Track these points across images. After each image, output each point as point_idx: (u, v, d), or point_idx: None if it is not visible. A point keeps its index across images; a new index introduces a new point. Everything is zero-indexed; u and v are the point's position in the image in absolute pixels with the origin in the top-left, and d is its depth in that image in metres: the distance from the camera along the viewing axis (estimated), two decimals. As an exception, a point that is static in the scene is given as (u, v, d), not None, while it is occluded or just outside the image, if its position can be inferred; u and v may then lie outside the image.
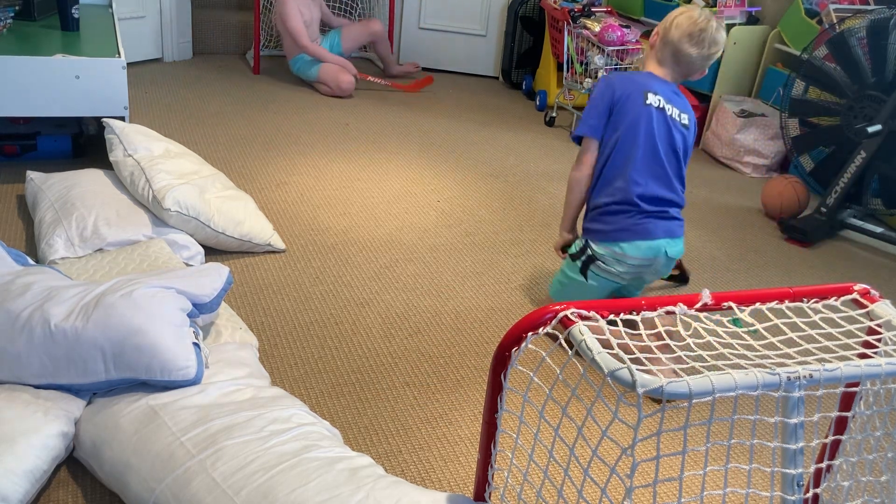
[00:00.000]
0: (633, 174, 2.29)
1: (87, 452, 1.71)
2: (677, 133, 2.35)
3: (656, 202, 2.30)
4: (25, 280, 1.91)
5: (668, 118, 2.34)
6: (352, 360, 2.28)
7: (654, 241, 2.28)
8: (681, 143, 2.34)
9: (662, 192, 2.30)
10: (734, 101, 4.37)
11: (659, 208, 2.30)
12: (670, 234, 2.29)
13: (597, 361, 1.15)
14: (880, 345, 1.37)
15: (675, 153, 2.34)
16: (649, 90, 2.33)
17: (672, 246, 2.31)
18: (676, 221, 2.34)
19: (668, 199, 2.32)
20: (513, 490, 1.80)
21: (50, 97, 2.95)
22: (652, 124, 2.30)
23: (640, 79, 2.38)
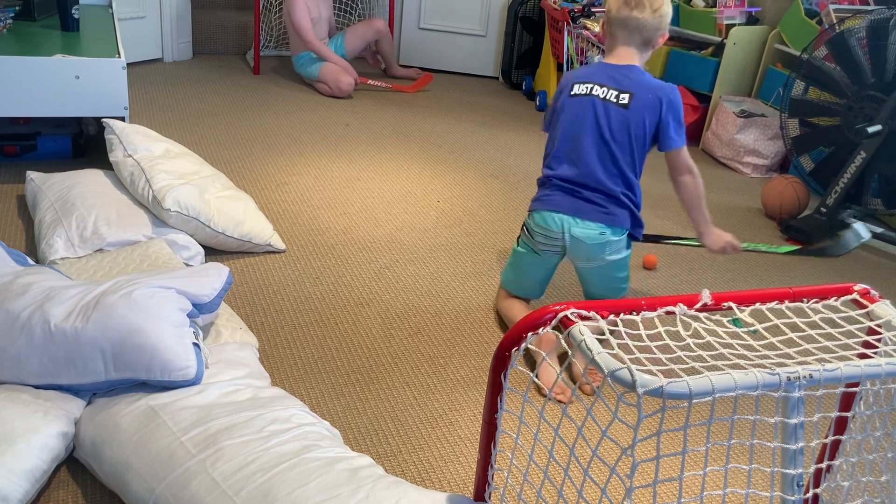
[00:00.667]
0: (552, 161, 2.40)
1: (87, 452, 1.71)
2: (610, 115, 2.29)
3: (571, 182, 2.33)
4: (25, 280, 1.91)
5: (598, 103, 2.31)
6: (352, 360, 2.28)
7: (555, 214, 2.32)
8: (617, 124, 2.29)
9: (580, 177, 2.31)
10: (734, 102, 4.37)
11: (570, 187, 2.33)
12: (577, 213, 2.30)
13: (597, 361, 1.15)
14: (880, 345, 1.37)
15: (604, 138, 2.30)
16: (577, 81, 2.36)
17: (576, 226, 2.29)
18: (592, 205, 2.30)
19: (582, 184, 2.31)
20: (513, 490, 1.80)
21: (50, 97, 2.95)
22: (574, 113, 2.34)
23: (578, 72, 2.42)
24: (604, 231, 2.30)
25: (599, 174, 2.31)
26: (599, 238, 2.30)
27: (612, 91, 2.31)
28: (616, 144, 2.30)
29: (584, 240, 2.30)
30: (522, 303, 2.49)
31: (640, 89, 2.30)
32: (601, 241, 2.31)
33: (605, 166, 2.31)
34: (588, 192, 2.32)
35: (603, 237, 2.30)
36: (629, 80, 2.31)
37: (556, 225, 2.32)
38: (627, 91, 2.30)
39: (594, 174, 2.31)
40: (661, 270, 3.04)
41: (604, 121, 2.30)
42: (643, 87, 2.31)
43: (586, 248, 2.32)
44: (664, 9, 2.32)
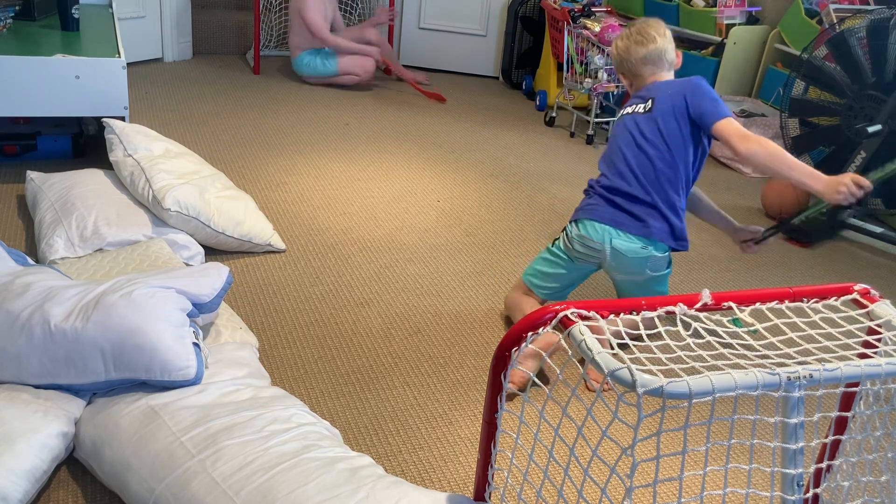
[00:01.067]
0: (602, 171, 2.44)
1: (87, 452, 1.71)
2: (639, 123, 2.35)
3: (611, 191, 2.34)
4: (25, 280, 1.91)
5: (627, 118, 2.41)
6: (352, 360, 2.28)
7: (598, 224, 2.31)
8: (647, 128, 2.33)
9: (620, 184, 2.33)
10: (734, 101, 4.37)
11: (612, 196, 2.33)
12: (616, 224, 2.29)
13: (597, 361, 1.15)
14: (880, 345, 1.37)
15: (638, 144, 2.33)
16: (624, 108, 2.46)
17: (617, 238, 2.29)
18: (631, 217, 2.30)
19: (623, 192, 2.32)
20: (513, 490, 1.80)
21: (50, 97, 2.95)
22: (617, 131, 2.43)
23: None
24: (646, 246, 2.29)
25: (635, 181, 2.31)
26: (642, 252, 2.28)
27: (641, 105, 2.40)
28: (651, 147, 2.31)
29: (625, 253, 2.28)
30: (537, 301, 2.46)
31: (660, 92, 2.36)
32: (643, 256, 2.29)
33: (643, 171, 2.31)
34: (626, 201, 2.31)
35: (645, 251, 2.28)
36: (650, 91, 2.41)
37: (597, 236, 2.30)
38: (650, 98, 2.38)
39: (630, 180, 2.32)
40: (661, 270, 3.04)
41: (635, 130, 2.36)
42: (663, 89, 2.37)
43: (628, 262, 2.30)
44: (666, 30, 2.46)
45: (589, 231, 2.31)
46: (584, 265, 2.39)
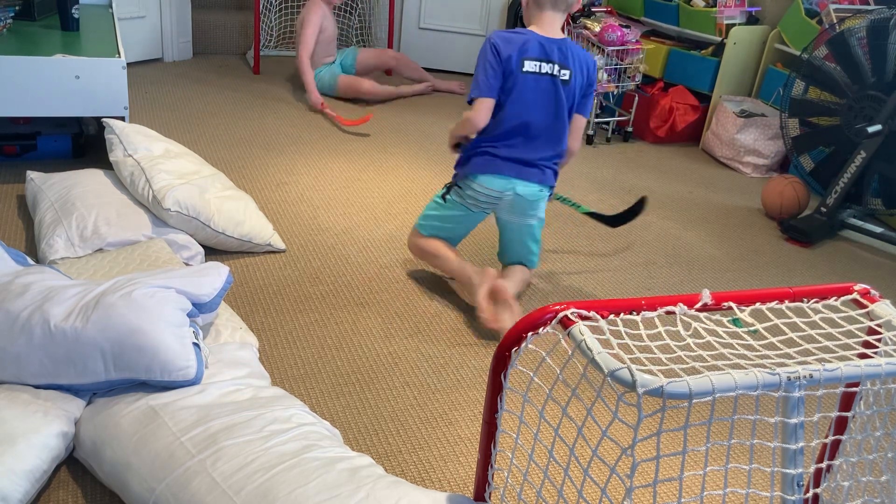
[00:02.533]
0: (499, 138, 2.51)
1: (87, 452, 1.71)
2: (556, 93, 2.49)
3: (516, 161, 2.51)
4: (25, 280, 1.91)
5: (545, 81, 2.48)
6: (352, 360, 2.28)
7: (500, 178, 2.50)
8: (564, 101, 2.50)
9: (528, 154, 2.51)
10: (734, 101, 4.37)
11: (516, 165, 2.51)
12: (521, 176, 2.51)
13: (597, 361, 1.15)
14: (880, 345, 1.37)
15: (547, 117, 2.50)
16: (526, 56, 2.46)
17: (521, 186, 2.51)
18: (534, 168, 2.52)
19: (530, 160, 2.51)
20: (513, 490, 1.80)
21: (50, 97, 2.95)
22: (525, 93, 2.48)
23: (519, 41, 2.48)
24: (542, 189, 2.56)
25: (540, 156, 2.52)
26: (539, 195, 2.55)
27: (557, 67, 2.48)
28: (562, 123, 2.53)
29: (526, 196, 2.52)
30: (442, 243, 2.66)
31: (576, 65, 2.51)
32: (540, 198, 2.56)
33: (549, 146, 2.53)
34: (530, 168, 2.52)
35: (542, 193, 2.56)
36: (568, 56, 2.50)
37: (504, 187, 2.50)
38: (569, 68, 2.50)
39: (540, 152, 2.52)
40: (661, 270, 3.04)
41: (554, 100, 2.49)
42: (578, 62, 2.52)
43: (526, 205, 2.54)
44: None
45: (493, 184, 2.51)
46: (479, 213, 2.61)
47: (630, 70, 4.35)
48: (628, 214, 3.02)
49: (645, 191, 3.83)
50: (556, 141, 2.54)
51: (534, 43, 2.47)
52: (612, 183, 3.88)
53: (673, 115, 4.53)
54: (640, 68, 4.36)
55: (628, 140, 4.57)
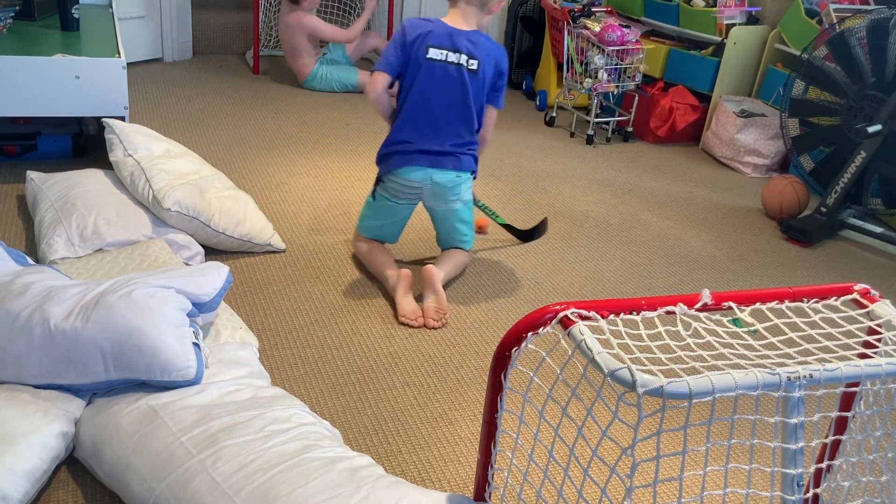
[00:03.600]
0: (407, 128, 2.57)
1: (87, 452, 1.71)
2: (463, 81, 2.54)
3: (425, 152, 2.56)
4: (25, 280, 1.91)
5: (451, 69, 2.53)
6: (352, 360, 2.28)
7: (417, 169, 2.56)
8: (471, 90, 2.55)
9: (439, 143, 2.56)
10: (734, 101, 4.37)
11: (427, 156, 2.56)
12: (435, 165, 2.56)
13: (597, 361, 1.15)
14: (880, 345, 1.37)
15: (455, 103, 2.55)
16: (431, 44, 2.53)
17: (437, 174, 2.57)
18: (448, 156, 2.57)
19: (440, 151, 2.56)
20: (513, 490, 1.80)
21: (50, 97, 2.95)
22: (433, 81, 2.54)
23: (427, 29, 2.56)
24: (459, 174, 2.61)
25: (451, 144, 2.57)
26: (456, 180, 2.60)
27: (465, 56, 2.54)
28: (470, 111, 2.57)
29: (443, 183, 2.58)
30: (385, 246, 2.77)
31: (485, 56, 2.56)
32: (457, 182, 2.61)
33: (459, 133, 2.58)
34: (443, 157, 2.57)
35: (459, 179, 2.61)
36: (477, 47, 2.55)
37: (421, 177, 2.56)
38: (477, 58, 2.55)
39: (447, 143, 2.56)
40: (661, 270, 3.05)
41: (460, 90, 2.54)
42: (487, 52, 2.57)
43: (445, 191, 2.60)
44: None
45: (411, 175, 2.56)
46: (406, 205, 2.67)
47: (630, 70, 4.35)
48: (534, 232, 3.14)
49: (645, 191, 3.84)
50: (467, 128, 2.59)
51: (441, 32, 2.55)
52: (612, 183, 3.88)
53: (673, 115, 4.53)
54: (640, 68, 4.36)
55: (628, 140, 4.57)
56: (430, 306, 2.50)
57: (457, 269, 2.74)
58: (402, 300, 2.52)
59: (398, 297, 2.52)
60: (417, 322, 2.47)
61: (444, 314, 2.51)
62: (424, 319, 2.48)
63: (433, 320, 2.47)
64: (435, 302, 2.51)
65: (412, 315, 2.48)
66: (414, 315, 2.48)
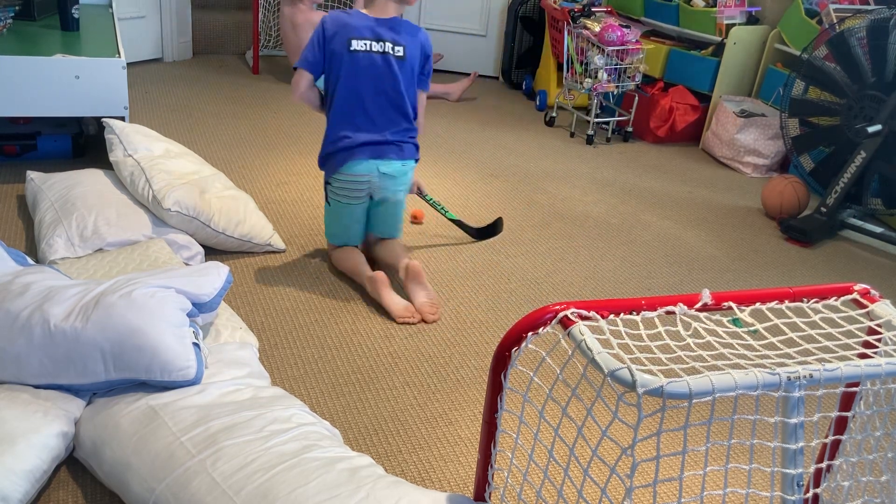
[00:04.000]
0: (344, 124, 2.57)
1: (87, 452, 1.71)
2: (391, 69, 2.54)
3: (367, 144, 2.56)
4: (25, 280, 1.91)
5: (377, 58, 2.53)
6: (352, 360, 2.28)
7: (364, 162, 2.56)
8: (401, 77, 2.55)
9: (377, 134, 2.56)
10: (734, 101, 4.37)
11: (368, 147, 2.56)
12: (378, 156, 2.57)
13: (597, 361, 1.15)
14: (880, 345, 1.37)
15: (386, 92, 2.55)
16: (353, 36, 2.52)
17: (383, 165, 2.57)
18: (390, 146, 2.58)
19: (378, 141, 2.56)
20: (513, 490, 1.80)
21: (50, 97, 2.95)
22: (359, 72, 2.53)
23: (345, 22, 2.55)
24: (405, 163, 2.62)
25: (390, 133, 2.57)
26: (402, 169, 2.62)
27: (390, 44, 2.54)
28: (402, 98, 2.57)
29: (391, 174, 2.59)
30: (357, 249, 2.73)
31: (409, 41, 2.57)
32: (404, 172, 2.63)
33: (395, 121, 2.58)
34: (384, 146, 2.57)
35: (405, 168, 2.63)
36: (400, 33, 2.56)
37: (367, 169, 2.56)
38: (402, 44, 2.55)
39: (386, 133, 2.56)
40: (661, 270, 3.05)
41: (389, 78, 2.54)
42: (411, 36, 2.58)
43: (393, 182, 2.61)
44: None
45: (355, 169, 2.56)
46: (359, 203, 2.64)
47: (630, 70, 4.35)
48: (489, 230, 3.12)
49: (645, 191, 3.84)
50: (402, 116, 2.59)
51: (361, 24, 2.54)
52: (612, 183, 3.88)
53: (673, 115, 4.53)
54: (640, 68, 4.36)
55: (628, 140, 4.57)
56: (424, 301, 2.52)
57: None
58: (390, 301, 2.50)
59: (385, 301, 2.50)
60: (415, 318, 2.48)
61: (438, 307, 2.53)
62: (421, 314, 2.49)
63: (431, 315, 2.49)
64: (427, 296, 2.53)
65: (407, 312, 2.48)
66: (409, 312, 2.48)
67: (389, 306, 2.49)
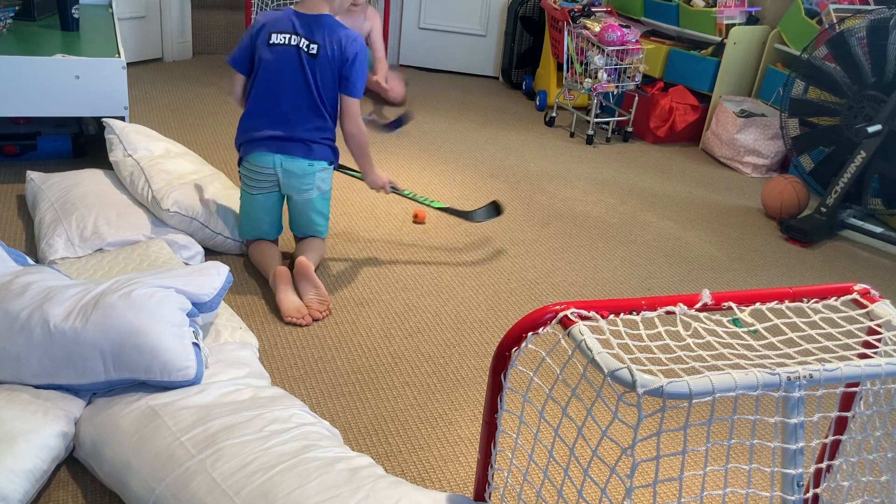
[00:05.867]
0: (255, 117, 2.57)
1: (87, 452, 1.71)
2: (303, 65, 2.51)
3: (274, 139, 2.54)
4: (24, 280, 1.91)
5: (291, 53, 2.51)
6: (352, 360, 2.28)
7: (266, 154, 2.54)
8: (312, 75, 2.51)
9: (286, 130, 2.53)
10: (734, 101, 4.37)
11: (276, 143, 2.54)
12: (283, 151, 2.54)
13: (597, 361, 1.15)
14: (880, 345, 1.37)
15: (300, 88, 2.52)
16: (274, 30, 2.52)
17: (286, 161, 2.54)
18: (297, 143, 2.54)
19: (288, 137, 2.54)
20: (513, 490, 1.80)
21: (50, 97, 2.95)
22: (274, 66, 2.51)
23: (272, 17, 2.56)
24: (312, 163, 2.57)
25: (301, 130, 2.54)
26: (308, 169, 2.57)
27: (304, 40, 2.51)
28: (314, 96, 2.53)
29: (294, 171, 2.55)
30: (269, 243, 2.69)
31: (324, 40, 2.51)
32: (309, 172, 2.57)
33: (308, 119, 2.54)
34: (291, 143, 2.54)
35: (311, 168, 2.57)
36: (320, 31, 2.52)
37: (269, 162, 2.54)
38: (316, 42, 2.51)
39: (296, 130, 2.53)
40: (661, 270, 3.05)
41: (302, 73, 2.51)
42: (328, 36, 2.52)
43: (296, 179, 2.57)
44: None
45: (259, 160, 2.55)
46: (268, 194, 2.60)
47: (630, 70, 4.35)
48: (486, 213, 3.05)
49: (645, 191, 3.84)
50: (315, 114, 2.54)
51: (286, 17, 2.54)
52: (612, 183, 3.88)
53: (673, 115, 4.53)
54: (639, 68, 4.36)
55: (628, 140, 4.57)
56: (312, 299, 2.46)
57: (320, 258, 2.71)
58: (284, 298, 2.44)
59: (278, 297, 2.45)
60: (305, 320, 2.41)
61: (328, 304, 2.48)
62: (309, 311, 2.43)
63: (318, 312, 2.44)
64: (316, 294, 2.48)
65: (297, 313, 2.41)
66: (300, 313, 2.41)
67: (280, 304, 2.44)
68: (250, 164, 2.56)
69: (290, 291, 2.48)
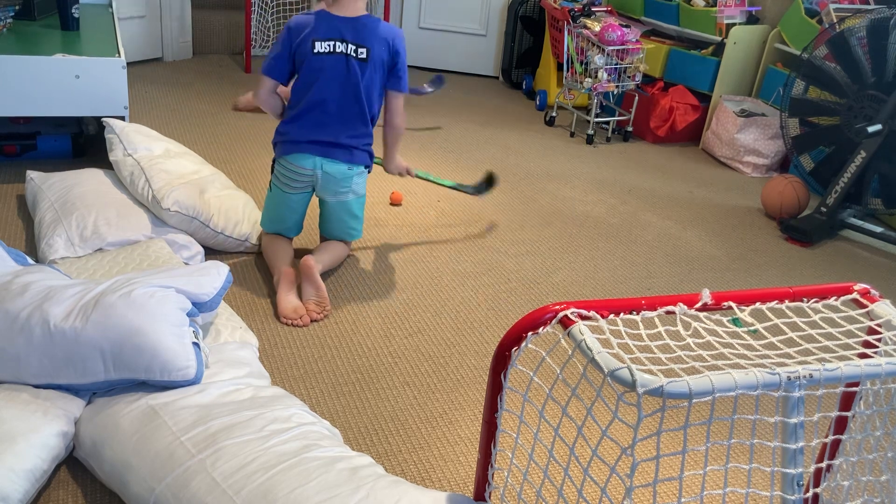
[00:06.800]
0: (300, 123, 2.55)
1: (87, 452, 1.71)
2: (353, 72, 2.51)
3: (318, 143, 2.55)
4: (24, 280, 1.91)
5: (339, 61, 2.50)
6: (352, 360, 2.28)
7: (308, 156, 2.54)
8: (361, 80, 2.52)
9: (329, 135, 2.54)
10: (734, 101, 4.37)
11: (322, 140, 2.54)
12: (325, 155, 2.55)
13: (597, 361, 1.15)
14: (880, 345, 1.37)
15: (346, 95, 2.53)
16: (316, 37, 2.49)
17: (327, 164, 2.56)
18: (340, 148, 2.56)
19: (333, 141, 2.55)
20: (513, 490, 1.80)
21: (50, 97, 2.95)
22: (322, 76, 2.50)
23: (309, 23, 2.52)
24: (351, 167, 2.59)
25: (344, 137, 2.55)
26: (347, 173, 2.59)
27: (352, 46, 2.50)
28: (362, 104, 2.55)
29: (334, 174, 2.56)
30: (286, 240, 2.70)
31: (374, 41, 2.51)
32: (349, 175, 2.59)
33: (352, 125, 2.56)
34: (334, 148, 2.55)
35: (351, 171, 2.59)
36: (366, 33, 2.51)
37: (310, 164, 2.54)
38: (365, 45, 2.50)
39: (340, 136, 2.54)
40: (661, 270, 3.05)
41: (351, 82, 2.52)
42: (376, 37, 2.52)
43: (335, 182, 2.58)
44: None
45: (301, 161, 2.55)
46: (301, 194, 2.63)
47: (630, 70, 4.35)
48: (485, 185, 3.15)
49: (645, 191, 3.84)
50: (360, 120, 2.57)
51: (325, 23, 2.50)
52: (612, 183, 3.88)
53: (673, 115, 4.53)
54: (640, 68, 4.36)
55: (628, 140, 4.57)
56: (310, 299, 2.45)
57: (336, 262, 2.71)
58: (283, 298, 2.44)
59: (278, 296, 2.45)
60: (301, 321, 2.40)
61: (326, 306, 2.47)
62: (308, 313, 2.43)
63: (315, 313, 2.43)
64: (315, 294, 2.46)
65: (294, 314, 2.41)
66: (296, 314, 2.41)
67: (277, 304, 2.44)
68: (290, 165, 2.55)
69: (291, 293, 2.47)
